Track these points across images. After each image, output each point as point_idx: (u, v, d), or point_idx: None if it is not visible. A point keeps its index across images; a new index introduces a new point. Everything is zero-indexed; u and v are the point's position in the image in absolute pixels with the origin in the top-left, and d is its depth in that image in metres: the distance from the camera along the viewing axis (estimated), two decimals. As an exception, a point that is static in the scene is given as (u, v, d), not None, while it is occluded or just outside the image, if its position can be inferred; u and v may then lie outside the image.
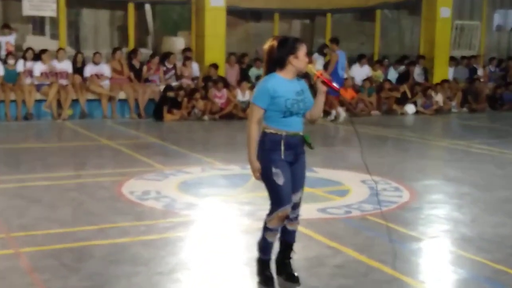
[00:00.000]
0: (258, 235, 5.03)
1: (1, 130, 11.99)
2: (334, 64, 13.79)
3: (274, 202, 4.28)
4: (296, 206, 4.37)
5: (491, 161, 9.48)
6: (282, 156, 4.23)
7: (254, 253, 4.80)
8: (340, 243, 5.24)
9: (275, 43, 4.26)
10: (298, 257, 4.90)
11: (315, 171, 8.31)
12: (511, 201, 6.98)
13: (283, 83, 4.22)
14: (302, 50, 4.23)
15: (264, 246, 4.40)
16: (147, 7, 15.65)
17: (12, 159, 9.24)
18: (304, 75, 4.39)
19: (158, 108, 13.54)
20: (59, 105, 13.20)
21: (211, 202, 6.70)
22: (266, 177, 4.26)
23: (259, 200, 6.31)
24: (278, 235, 4.41)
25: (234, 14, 15.97)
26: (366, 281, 4.42)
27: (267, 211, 4.33)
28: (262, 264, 4.43)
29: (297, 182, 4.34)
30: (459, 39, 18.83)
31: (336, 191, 7.27)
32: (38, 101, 13.14)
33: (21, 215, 6.01)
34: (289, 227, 4.43)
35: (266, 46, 4.31)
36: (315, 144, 4.53)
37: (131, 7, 15.01)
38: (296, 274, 4.46)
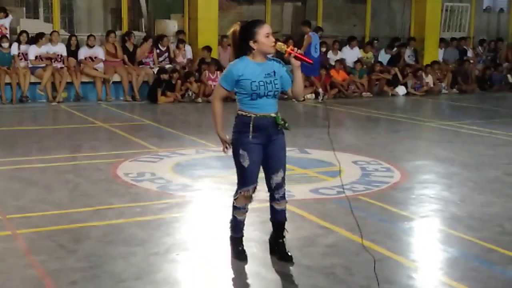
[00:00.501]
0: (251, 216, 5.15)
1: (-4, 113, 12.04)
2: (306, 46, 13.97)
3: (239, 181, 4.44)
4: (279, 186, 4.47)
5: (481, 141, 9.60)
6: (250, 138, 4.30)
7: (248, 234, 4.91)
8: (332, 223, 5.34)
9: (236, 29, 4.34)
10: (291, 237, 5.01)
11: (308, 152, 8.42)
12: (499, 181, 7.10)
13: (251, 66, 4.27)
14: (261, 33, 4.24)
15: (234, 225, 4.57)
16: (140, -11, 15.65)
17: (8, 141, 9.27)
18: (278, 55, 4.45)
19: (152, 91, 13.60)
20: (54, 88, 13.23)
21: (205, 183, 6.79)
22: (234, 157, 4.41)
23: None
24: (246, 213, 4.56)
25: (227, -4, 15.98)
26: (358, 260, 4.52)
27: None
28: (235, 241, 4.60)
29: (275, 162, 4.42)
30: (449, 21, 18.91)
31: (328, 172, 7.36)
32: (33, 84, 13.17)
33: (17, 197, 6.08)
34: (277, 206, 4.54)
35: (229, 33, 4.41)
36: (309, 125, 4.62)
37: (124, -11, 15.00)
38: (289, 253, 4.56)
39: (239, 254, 4.57)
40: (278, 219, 4.58)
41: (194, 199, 6.21)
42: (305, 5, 17.66)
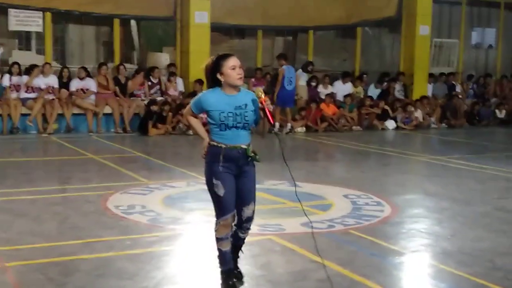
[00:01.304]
0: (243, 250, 5.13)
1: (-13, 144, 12.00)
2: (280, 79, 14.21)
3: (216, 212, 4.48)
4: (249, 219, 4.57)
5: (470, 176, 9.65)
6: (221, 168, 4.38)
7: (240, 268, 4.89)
8: (323, 257, 5.31)
9: (208, 63, 4.49)
10: (282, 271, 5.00)
11: (299, 186, 8.39)
12: (489, 216, 7.12)
13: (220, 98, 4.40)
14: (226, 65, 4.37)
15: (221, 257, 4.56)
16: (133, 23, 15.76)
17: (-3, 173, 9.25)
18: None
19: (143, 123, 13.62)
20: (45, 119, 13.23)
21: (196, 216, 6.77)
22: (208, 188, 4.48)
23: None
24: (230, 241, 4.57)
25: (219, 30, 16.11)
26: (348, 294, 4.50)
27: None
28: (224, 274, 4.57)
29: (246, 195, 4.51)
30: (438, 56, 19.14)
31: (319, 205, 7.36)
32: (24, 115, 13.18)
33: (6, 229, 6.03)
34: (241, 235, 4.65)
35: (203, 66, 4.54)
36: (299, 158, 4.65)
37: (116, 23, 15.09)
38: (240, 270, 4.72)
39: None
40: (237, 243, 4.69)
41: (184, 232, 6.18)
42: (296, 39, 17.84)
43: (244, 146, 4.43)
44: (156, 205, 7.15)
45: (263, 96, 4.40)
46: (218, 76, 4.40)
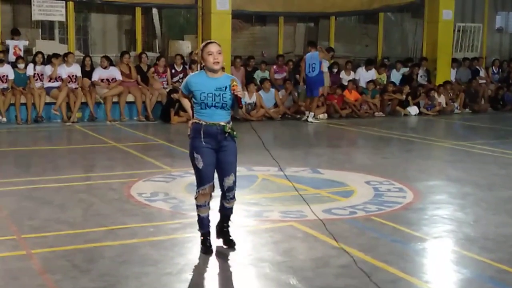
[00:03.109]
0: (264, 236, 5.16)
1: (12, 133, 12.16)
2: (303, 67, 14.27)
3: (197, 182, 5.03)
4: (230, 189, 5.05)
5: (493, 161, 9.58)
6: (202, 142, 4.88)
7: (260, 254, 4.94)
8: (345, 243, 5.33)
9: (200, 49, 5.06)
10: (304, 258, 5.03)
11: (321, 172, 8.43)
12: (513, 202, 7.08)
13: (202, 80, 4.93)
14: (205, 51, 4.92)
15: (199, 221, 5.13)
16: (154, 11, 15.79)
17: (23, 161, 9.39)
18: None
19: (165, 111, 13.69)
20: (69, 108, 13.36)
21: (218, 203, 6.79)
22: (191, 161, 5.02)
23: (266, 201, 6.43)
24: (208, 208, 5.10)
25: (240, 17, 16.09)
26: (371, 281, 4.51)
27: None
28: (203, 236, 5.13)
29: (226, 167, 4.99)
30: (461, 41, 18.93)
31: (341, 192, 7.37)
32: (48, 104, 13.33)
33: (32, 217, 6.12)
34: (226, 204, 5.15)
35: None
36: (321, 144, 4.68)
37: (138, 11, 15.17)
38: (232, 238, 5.20)
39: (206, 249, 5.07)
40: (226, 213, 5.21)
41: (207, 219, 6.21)
42: (318, 26, 17.75)
43: (222, 123, 4.90)
44: (179, 192, 7.21)
45: (234, 83, 4.88)
46: (201, 60, 4.97)
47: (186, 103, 5.21)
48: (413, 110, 15.89)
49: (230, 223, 5.26)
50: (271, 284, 4.50)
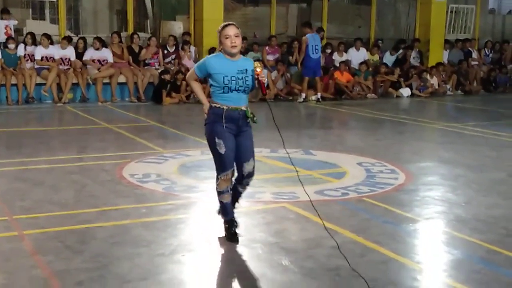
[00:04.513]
0: (257, 217, 5.18)
1: (3, 114, 12.10)
2: (304, 48, 14.12)
3: (217, 168, 4.86)
4: (250, 175, 4.92)
5: (485, 143, 9.61)
6: (224, 127, 4.73)
7: (253, 235, 4.95)
8: (336, 224, 5.36)
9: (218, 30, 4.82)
10: (296, 239, 5.05)
11: (313, 154, 8.44)
12: (504, 183, 7.11)
13: (223, 62, 4.75)
14: (222, 34, 4.74)
15: (223, 208, 5.00)
16: (146, -9, 15.70)
17: (14, 142, 9.34)
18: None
19: (157, 92, 13.64)
20: (60, 89, 13.29)
21: (210, 184, 6.75)
22: (210, 146, 4.83)
23: (258, 182, 6.43)
24: (230, 194, 4.95)
25: (232, -2, 16.03)
26: (362, 262, 4.53)
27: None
28: (227, 223, 4.99)
29: (245, 152, 4.85)
30: (454, 23, 18.91)
31: (333, 173, 7.39)
32: (39, 85, 13.25)
33: (23, 198, 6.12)
34: (240, 189, 5.02)
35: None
36: (313, 126, 4.68)
37: (130, -9, 15.06)
38: (236, 219, 5.03)
39: (231, 236, 4.93)
40: (236, 196, 5.07)
41: (199, 200, 6.23)
42: (310, 6, 17.68)
43: (244, 108, 4.78)
44: (171, 173, 7.21)
45: (258, 69, 4.72)
46: (218, 43, 4.79)
47: (197, 85, 5.03)
48: (405, 91, 15.90)
49: (237, 205, 5.15)
50: (263, 265, 4.51)
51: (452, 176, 7.40)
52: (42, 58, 13.29)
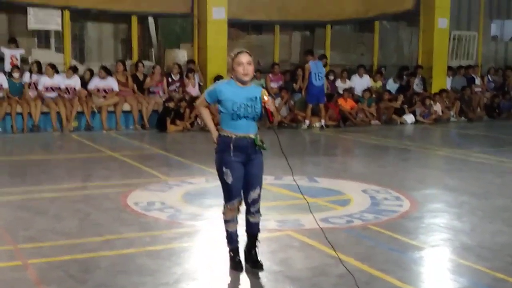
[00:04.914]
0: (261, 246, 5.15)
1: (8, 142, 12.14)
2: (307, 75, 14.25)
3: (224, 197, 4.87)
4: (255, 202, 4.88)
5: (490, 170, 9.58)
6: (232, 157, 4.70)
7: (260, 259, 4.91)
8: (342, 252, 5.32)
9: (230, 56, 4.84)
10: (301, 267, 5.02)
11: (317, 181, 8.42)
12: (509, 210, 7.08)
13: (233, 89, 4.76)
14: (235, 61, 4.75)
15: (228, 237, 4.97)
16: (150, 20, 15.80)
17: (19, 171, 9.36)
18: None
19: (161, 119, 13.69)
20: (60, 118, 13.33)
21: (215, 212, 6.76)
22: (218, 175, 4.84)
23: (262, 210, 6.39)
24: (236, 223, 4.93)
25: (236, 26, 16.12)
26: (367, 290, 4.50)
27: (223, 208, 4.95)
28: (232, 252, 4.98)
29: (253, 180, 4.83)
30: (456, 49, 18.99)
31: (338, 200, 7.37)
32: (44, 114, 13.29)
33: (27, 227, 6.11)
34: (252, 220, 4.93)
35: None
36: (317, 153, 4.68)
37: (134, 20, 15.17)
38: (260, 261, 4.91)
39: (236, 265, 4.92)
40: (252, 231, 4.96)
41: (203, 228, 6.21)
42: (313, 34, 17.78)
43: (252, 136, 4.76)
44: (175, 201, 7.20)
45: (265, 98, 4.72)
46: (231, 70, 4.79)
47: (206, 113, 4.97)
48: (409, 118, 15.91)
49: (258, 244, 4.99)
50: (268, 294, 4.49)
51: (457, 203, 7.38)
52: (47, 88, 13.37)
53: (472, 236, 5.97)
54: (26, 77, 13.43)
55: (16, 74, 13.33)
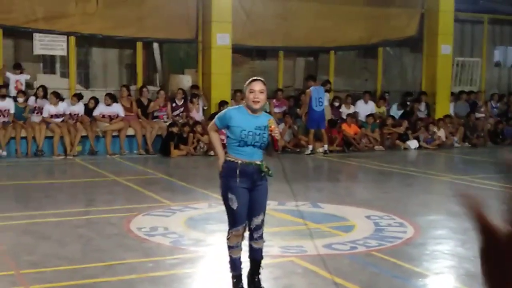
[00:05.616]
0: (264, 272, 5.13)
1: (12, 167, 12.16)
2: (307, 101, 14.24)
3: (229, 222, 4.86)
4: (259, 228, 4.88)
5: (494, 196, 9.53)
6: (238, 183, 4.70)
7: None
8: (345, 279, 5.30)
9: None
10: (304, 293, 4.99)
11: (321, 207, 8.41)
12: (514, 237, 7.03)
13: (243, 116, 4.78)
14: (247, 88, 4.81)
15: (231, 263, 4.94)
16: (155, 45, 15.92)
17: (22, 195, 9.37)
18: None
19: (165, 144, 13.72)
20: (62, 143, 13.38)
21: (218, 238, 6.75)
22: (223, 200, 4.84)
23: (265, 236, 6.39)
24: (240, 249, 4.91)
25: (240, 52, 16.23)
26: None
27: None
28: (235, 278, 4.95)
29: (257, 206, 4.83)
30: (460, 75, 19.06)
31: (341, 226, 7.35)
32: (48, 138, 13.33)
33: (30, 252, 6.10)
34: (255, 245, 4.93)
35: None
36: (320, 178, 4.67)
37: (139, 46, 15.27)
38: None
39: None
40: (255, 258, 4.97)
41: (206, 254, 6.20)
42: (317, 60, 17.89)
43: (258, 162, 4.77)
44: (178, 227, 7.18)
45: (272, 126, 4.74)
46: (244, 96, 4.87)
47: (216, 138, 5.00)
48: (412, 144, 15.92)
49: (261, 270, 5.00)
50: (271, 321, 4.46)
51: (461, 229, 7.33)
52: (52, 115, 13.43)
53: (477, 264, 5.83)
54: (31, 102, 13.50)
55: (21, 99, 13.40)
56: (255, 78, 4.88)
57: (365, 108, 16.34)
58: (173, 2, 15.22)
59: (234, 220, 4.81)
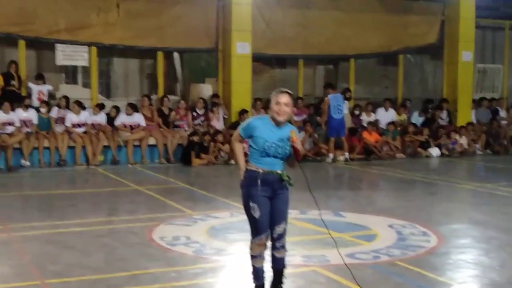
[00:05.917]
0: (287, 281, 5.12)
1: (35, 176, 12.28)
2: (326, 109, 14.18)
3: (252, 232, 4.84)
4: (281, 237, 4.85)
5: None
6: (259, 191, 4.71)
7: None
8: (369, 289, 5.28)
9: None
10: (328, 303, 4.96)
11: (343, 216, 8.38)
12: (539, 246, 6.96)
13: (267, 127, 4.78)
14: (273, 100, 4.79)
15: (254, 273, 4.92)
16: (176, 55, 16.02)
17: (45, 205, 9.46)
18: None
19: (186, 153, 13.78)
20: (85, 153, 13.49)
21: (240, 247, 6.76)
22: (245, 210, 4.82)
23: (288, 245, 6.39)
24: (263, 259, 4.87)
25: (260, 60, 16.27)
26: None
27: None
28: None
29: (278, 215, 4.82)
30: (482, 82, 18.92)
31: (364, 235, 7.31)
32: (71, 148, 13.46)
33: (54, 262, 6.14)
34: (277, 255, 4.90)
35: None
36: (342, 187, 4.67)
37: (160, 55, 15.39)
38: None
39: None
40: (278, 267, 4.93)
41: (228, 263, 6.20)
42: (337, 68, 17.89)
43: (279, 172, 4.77)
44: (200, 236, 7.20)
45: (294, 137, 4.73)
46: (270, 108, 4.83)
47: (239, 148, 5.00)
48: (434, 151, 15.82)
49: (284, 280, 4.99)
50: (295, 331, 4.45)
51: (485, 238, 7.28)
52: (74, 125, 13.56)
53: (501, 273, 5.88)
54: (54, 112, 13.66)
55: (43, 109, 13.55)
56: (283, 90, 4.83)
57: (385, 115, 16.29)
58: (193, 11, 15.33)
59: (256, 229, 4.80)
